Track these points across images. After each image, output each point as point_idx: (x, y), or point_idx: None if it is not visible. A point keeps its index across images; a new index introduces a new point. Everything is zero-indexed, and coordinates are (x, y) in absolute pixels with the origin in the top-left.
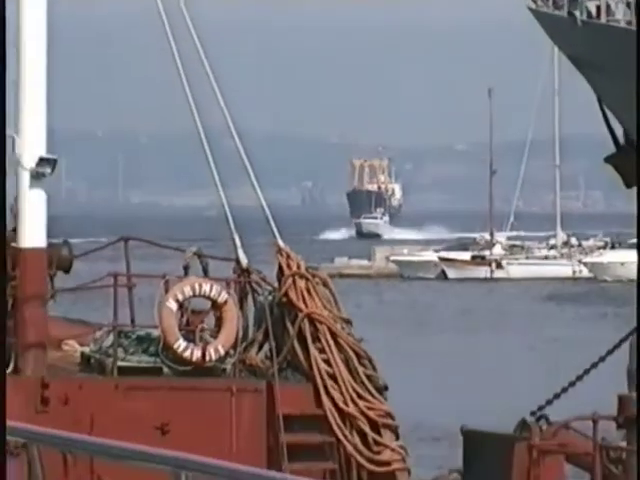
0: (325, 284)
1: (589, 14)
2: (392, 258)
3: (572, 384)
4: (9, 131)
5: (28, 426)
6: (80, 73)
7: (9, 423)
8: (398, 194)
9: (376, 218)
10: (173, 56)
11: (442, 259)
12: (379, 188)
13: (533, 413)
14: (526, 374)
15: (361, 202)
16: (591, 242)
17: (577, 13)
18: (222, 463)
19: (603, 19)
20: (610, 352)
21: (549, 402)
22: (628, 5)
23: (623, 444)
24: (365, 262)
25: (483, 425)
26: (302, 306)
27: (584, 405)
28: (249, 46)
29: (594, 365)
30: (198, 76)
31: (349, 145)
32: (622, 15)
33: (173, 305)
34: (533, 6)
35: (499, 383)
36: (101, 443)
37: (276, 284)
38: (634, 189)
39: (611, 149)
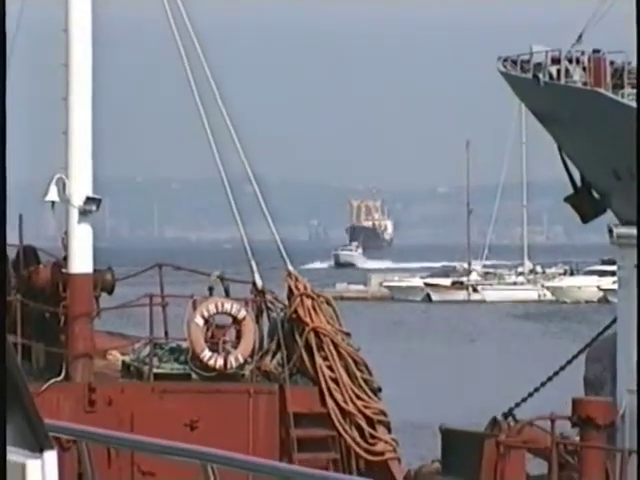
0: (328, 303)
1: (550, 76)
2: (385, 284)
3: (537, 389)
4: (59, 175)
5: (76, 425)
6: (119, 126)
7: (60, 423)
8: (390, 229)
9: (351, 250)
10: (199, 111)
11: (427, 284)
12: (374, 224)
13: (505, 414)
14: (498, 379)
15: (358, 236)
16: (553, 270)
17: (540, 75)
18: (243, 457)
19: (562, 81)
20: (569, 362)
21: (518, 405)
22: (584, 69)
23: (577, 439)
24: (362, 287)
25: (461, 422)
26: (309, 321)
27: (549, 406)
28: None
29: (556, 373)
30: (221, 130)
31: (348, 189)
32: (579, 77)
33: (200, 321)
34: (503, 69)
35: (475, 387)
36: (139, 440)
37: (287, 303)
38: (589, 224)
39: (569, 191)
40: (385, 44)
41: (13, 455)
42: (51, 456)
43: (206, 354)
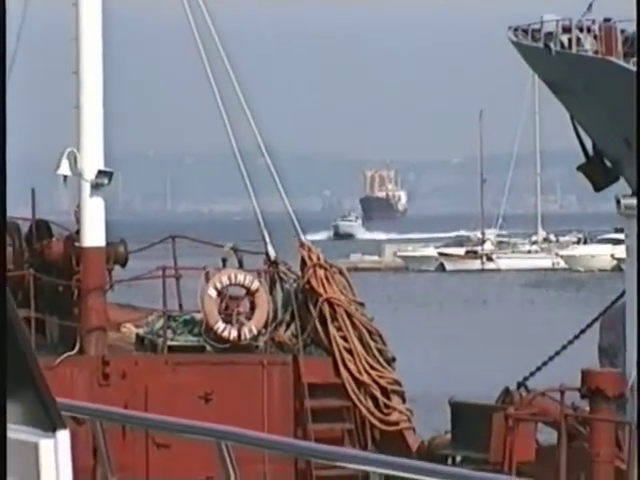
0: (341, 273)
1: (562, 45)
2: (399, 254)
3: (551, 358)
4: (71, 148)
5: (89, 404)
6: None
7: (73, 401)
8: (404, 200)
9: (351, 221)
10: (210, 85)
11: (441, 254)
12: (387, 195)
13: (518, 383)
14: (511, 349)
15: (372, 207)
16: (567, 238)
17: (552, 45)
18: (257, 434)
19: (574, 50)
20: (583, 331)
21: (532, 374)
22: (595, 37)
23: (587, 410)
24: (376, 257)
25: (474, 392)
26: (322, 292)
27: (563, 375)
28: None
29: (570, 342)
30: (233, 102)
31: (362, 159)
32: (590, 46)
33: (213, 293)
34: (514, 39)
35: (489, 356)
36: (152, 418)
37: (300, 273)
38: (603, 192)
39: (582, 160)
40: (398, 14)
41: (25, 435)
42: (64, 435)
43: (220, 326)
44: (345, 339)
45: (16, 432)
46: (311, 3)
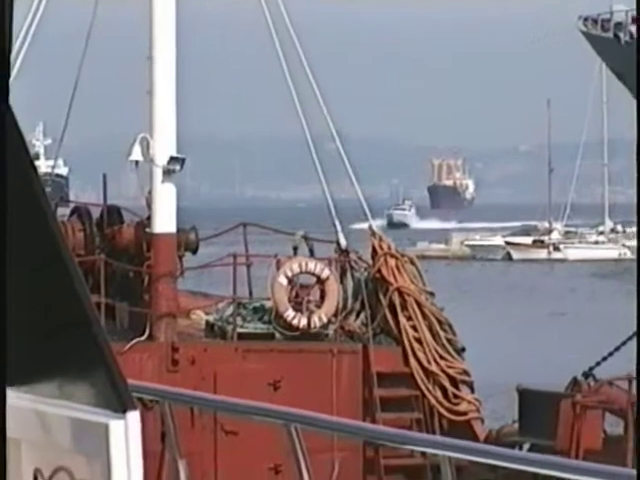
0: (412, 262)
1: (631, 35)
2: (466, 243)
3: (618, 348)
4: (144, 134)
5: (159, 386)
6: (201, 84)
7: (144, 383)
8: (471, 188)
9: (405, 210)
10: (282, 68)
11: (508, 243)
12: (454, 183)
13: (585, 373)
14: (578, 338)
15: (439, 195)
16: (634, 229)
17: (621, 35)
18: (327, 417)
19: None
20: None
21: (598, 364)
22: None
23: None
24: (443, 246)
25: (541, 381)
26: (392, 281)
27: (629, 365)
28: (341, 59)
29: (637, 332)
30: (305, 87)
31: (430, 147)
32: None
33: (284, 280)
34: (584, 29)
35: (556, 345)
36: (221, 400)
37: (370, 262)
38: None
39: None
40: (466, 14)
41: (96, 416)
42: (134, 417)
43: (290, 313)
44: (415, 328)
45: (87, 413)
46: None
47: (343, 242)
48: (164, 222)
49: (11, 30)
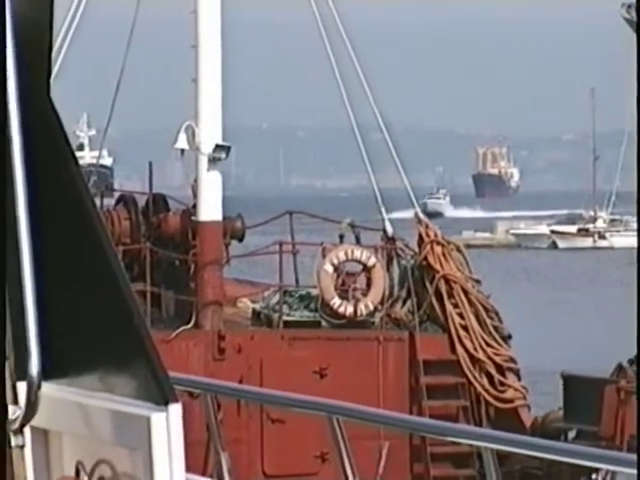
0: (458, 250)
1: None
2: (511, 231)
3: None
4: (189, 122)
5: (201, 378)
6: (246, 73)
7: (185, 375)
8: (516, 177)
9: (439, 198)
10: (329, 60)
11: (553, 232)
12: (499, 172)
13: (630, 360)
14: (623, 326)
15: (484, 183)
16: None
17: None
18: (369, 409)
19: None
20: None
21: None
22: None
23: None
24: (488, 234)
25: (586, 368)
26: (439, 268)
27: None
28: (383, 50)
29: None
30: (350, 77)
31: (474, 136)
32: None
33: (330, 268)
34: (627, 15)
35: (602, 333)
36: (263, 392)
37: (417, 250)
38: None
39: None
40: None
41: (138, 408)
42: (176, 409)
43: (336, 301)
44: (461, 316)
45: (128, 406)
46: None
47: (389, 230)
48: (210, 210)
49: (52, 23)
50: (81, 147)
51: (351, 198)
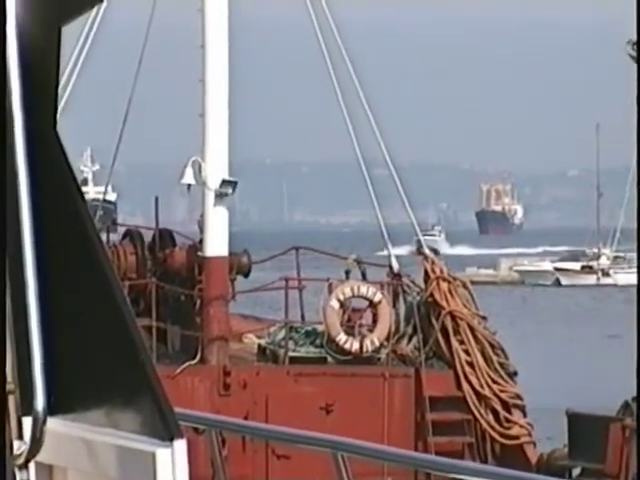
0: (464, 286)
1: None
2: (515, 268)
3: None
4: (195, 157)
5: (205, 414)
6: (249, 108)
7: (189, 411)
8: (520, 214)
9: (434, 235)
10: (335, 93)
11: (557, 269)
12: (503, 209)
13: (635, 397)
14: (629, 363)
15: (488, 220)
16: None
17: None
18: (374, 445)
19: None
20: None
21: None
22: None
23: None
24: (491, 271)
25: (592, 405)
26: (445, 305)
27: None
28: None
29: None
30: (356, 111)
31: (478, 172)
32: None
33: (336, 304)
34: (633, 53)
35: (606, 370)
36: (265, 428)
37: (423, 286)
38: None
39: None
40: (514, 28)
41: (143, 444)
42: (181, 445)
43: (342, 337)
44: (467, 352)
45: (133, 441)
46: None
47: (395, 266)
48: (216, 245)
49: (59, 59)
50: (85, 182)
51: (353, 234)
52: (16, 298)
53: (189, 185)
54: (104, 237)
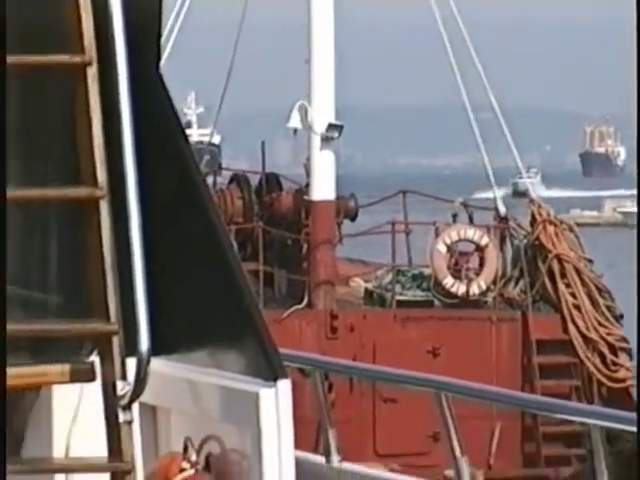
0: (571, 229)
1: None
2: (619, 210)
3: None
4: (302, 101)
5: (309, 354)
6: (359, 50)
7: (293, 351)
8: (623, 155)
9: (530, 177)
10: (441, 37)
11: None
12: (607, 150)
13: None
14: None
15: (591, 162)
16: None
17: None
18: (477, 385)
19: None
20: None
21: None
22: None
23: None
24: (595, 213)
25: None
26: (552, 248)
27: None
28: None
29: None
30: (462, 56)
31: (581, 114)
32: None
33: (442, 248)
34: None
35: None
36: (367, 368)
37: (529, 229)
38: None
39: None
40: None
41: (246, 384)
42: (285, 385)
43: (449, 281)
44: (574, 296)
45: (237, 382)
46: None
47: (502, 209)
48: (323, 189)
49: (162, 0)
50: (189, 125)
51: (454, 176)
52: (121, 240)
53: (295, 129)
54: (210, 181)
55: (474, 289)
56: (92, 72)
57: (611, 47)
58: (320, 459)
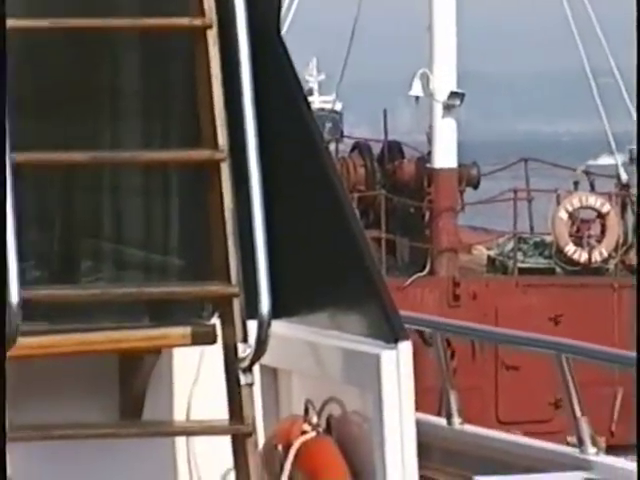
0: None
1: None
2: None
3: None
4: (424, 69)
5: (430, 317)
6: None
7: (416, 314)
8: None
9: None
10: (563, 7)
11: None
12: None
13: None
14: None
15: None
16: None
17: None
18: (598, 347)
19: None
20: None
21: None
22: None
23: None
24: None
25: None
26: None
27: None
28: None
29: None
30: (582, 21)
31: None
32: None
33: (564, 215)
34: None
35: None
36: (486, 330)
37: None
38: None
39: None
40: None
41: (367, 346)
42: (406, 346)
43: (570, 248)
44: None
45: (358, 344)
46: None
47: (624, 177)
48: (445, 157)
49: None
50: (310, 92)
51: (572, 142)
52: (241, 202)
53: (417, 97)
54: (332, 149)
55: (596, 256)
56: (212, 35)
57: None
58: (441, 421)
